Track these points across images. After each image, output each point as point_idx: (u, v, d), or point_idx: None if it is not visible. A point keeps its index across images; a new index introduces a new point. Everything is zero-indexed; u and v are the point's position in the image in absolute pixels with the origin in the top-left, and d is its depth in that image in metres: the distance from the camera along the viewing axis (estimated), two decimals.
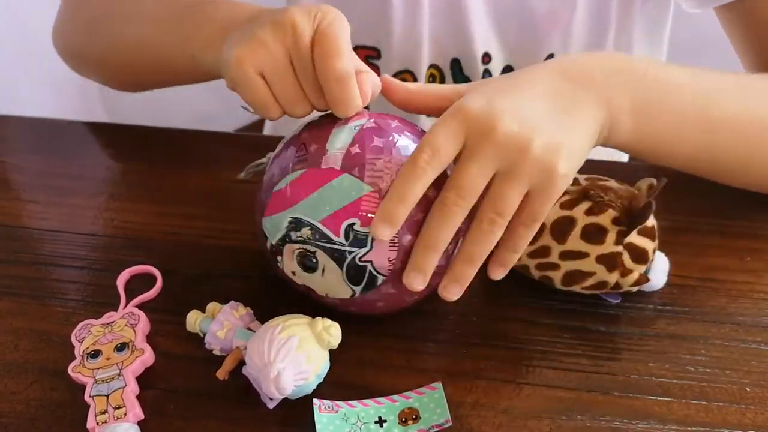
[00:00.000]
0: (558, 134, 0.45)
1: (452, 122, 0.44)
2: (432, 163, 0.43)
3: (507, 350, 0.49)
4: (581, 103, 0.48)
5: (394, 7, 0.70)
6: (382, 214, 0.42)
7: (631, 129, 0.51)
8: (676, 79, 0.53)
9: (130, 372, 0.46)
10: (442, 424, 0.44)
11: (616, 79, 0.50)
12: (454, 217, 0.43)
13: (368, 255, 0.44)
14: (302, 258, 0.45)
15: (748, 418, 0.45)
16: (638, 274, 0.49)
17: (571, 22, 0.70)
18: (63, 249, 0.58)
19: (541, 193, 0.44)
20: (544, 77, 0.49)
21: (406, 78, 0.75)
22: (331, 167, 0.44)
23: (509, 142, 0.43)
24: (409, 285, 0.44)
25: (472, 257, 0.44)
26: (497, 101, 0.44)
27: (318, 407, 0.44)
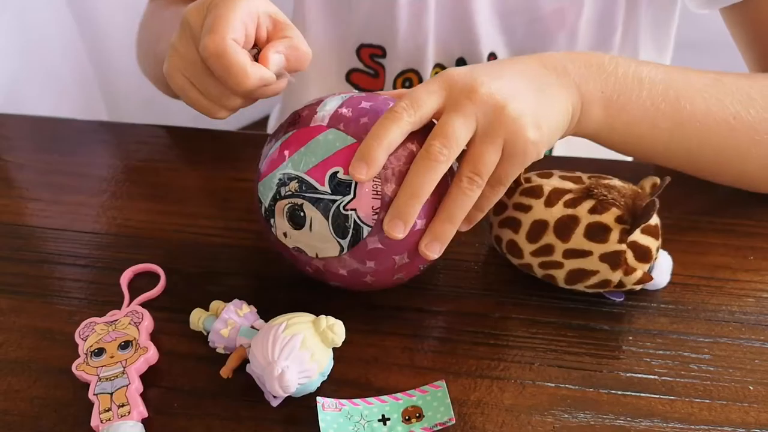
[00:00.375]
0: (531, 104, 0.47)
1: (434, 82, 0.46)
2: (408, 110, 0.44)
3: (511, 348, 0.49)
4: (555, 87, 0.50)
5: (400, 6, 0.70)
6: (358, 154, 0.43)
7: (601, 118, 0.52)
8: (647, 74, 0.54)
9: (134, 370, 0.46)
10: (445, 423, 0.44)
11: (587, 71, 0.52)
12: (438, 166, 0.44)
13: (352, 203, 0.44)
14: (291, 213, 0.46)
15: (752, 417, 0.45)
16: (642, 273, 0.49)
17: (577, 22, 0.70)
18: (66, 247, 0.58)
19: (510, 157, 0.45)
20: (523, 63, 0.51)
21: (410, 78, 0.75)
22: (318, 125, 0.46)
23: (488, 101, 0.45)
24: (389, 232, 0.44)
25: (451, 216, 0.45)
26: (477, 69, 0.47)
27: (321, 405, 0.44)
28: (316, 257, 0.47)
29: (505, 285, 0.54)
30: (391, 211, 0.44)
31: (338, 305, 0.51)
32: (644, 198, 0.49)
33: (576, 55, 0.53)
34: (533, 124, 0.46)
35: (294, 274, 0.55)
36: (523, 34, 0.72)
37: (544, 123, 0.47)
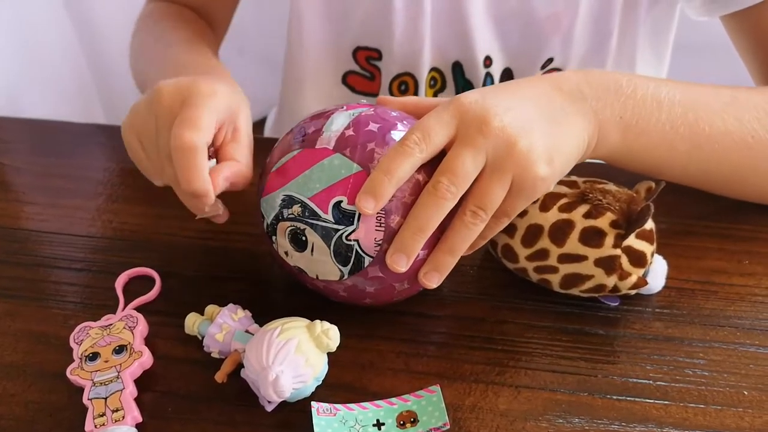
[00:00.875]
0: (544, 138, 0.45)
1: (445, 111, 0.45)
2: (420, 145, 0.43)
3: (505, 353, 0.49)
4: (570, 114, 0.48)
5: (395, 10, 0.70)
6: (367, 187, 0.43)
7: (619, 142, 0.51)
8: (666, 95, 0.53)
9: (129, 374, 0.46)
10: (440, 428, 0.44)
11: (605, 94, 0.50)
12: (444, 203, 0.43)
13: (355, 233, 0.44)
14: (293, 236, 0.46)
15: (746, 422, 0.45)
16: (636, 278, 0.49)
17: (572, 27, 0.70)
18: (61, 251, 0.58)
19: (519, 191, 0.45)
20: (536, 87, 0.50)
21: (406, 81, 0.75)
22: (324, 147, 0.45)
23: (500, 136, 0.44)
24: (392, 265, 0.44)
25: (452, 248, 0.45)
26: (490, 98, 0.46)
27: (316, 410, 0.44)
28: (317, 278, 0.47)
29: (500, 289, 0.54)
30: (395, 244, 0.44)
31: (333, 310, 0.51)
32: (639, 203, 0.49)
33: (593, 76, 0.52)
34: (545, 159, 0.45)
35: (289, 279, 0.55)
36: (517, 38, 0.72)
37: (556, 157, 0.46)
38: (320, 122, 0.47)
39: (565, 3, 0.69)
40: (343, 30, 0.75)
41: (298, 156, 0.46)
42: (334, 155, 0.44)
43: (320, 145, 0.45)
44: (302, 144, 0.46)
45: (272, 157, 0.48)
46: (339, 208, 0.44)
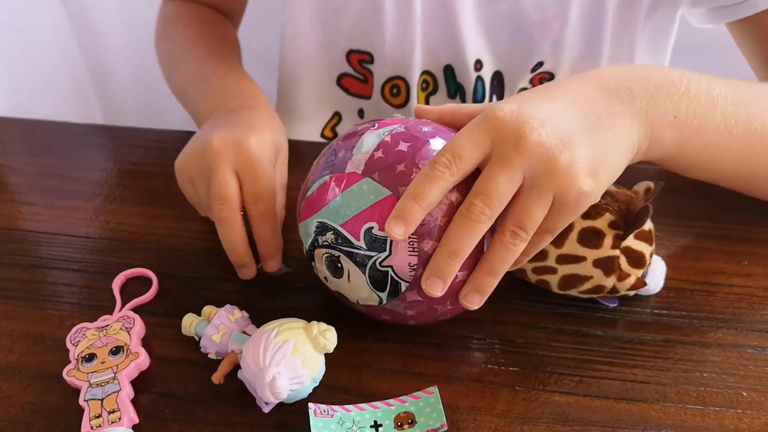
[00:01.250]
0: (587, 149, 0.43)
1: (478, 128, 0.42)
2: (451, 167, 0.41)
3: (503, 354, 0.49)
4: (617, 117, 0.45)
5: (386, 14, 0.70)
6: (396, 212, 0.41)
7: (674, 142, 0.49)
8: (719, 93, 0.50)
9: (125, 376, 0.46)
10: (437, 429, 0.44)
11: (657, 92, 0.47)
12: (479, 226, 0.41)
13: (388, 260, 0.43)
14: (329, 262, 0.45)
15: (745, 423, 0.45)
16: (635, 278, 0.49)
17: (563, 32, 0.70)
18: (58, 251, 0.58)
19: (561, 208, 0.42)
20: (578, 89, 0.46)
21: (398, 84, 0.75)
22: (354, 171, 0.44)
23: (536, 152, 0.41)
24: (428, 290, 0.42)
25: (493, 268, 0.43)
26: (526, 108, 0.43)
27: (313, 411, 0.44)
28: (357, 303, 0.47)
29: (498, 291, 0.53)
30: (429, 269, 0.42)
31: (331, 311, 0.51)
32: (638, 203, 0.49)
33: (642, 71, 0.48)
34: (588, 173, 0.42)
35: (287, 279, 0.55)
36: (508, 42, 0.72)
37: (602, 167, 0.43)
38: (351, 144, 0.46)
39: (555, 9, 0.69)
40: (336, 33, 0.75)
41: (329, 181, 0.45)
42: (363, 180, 0.44)
43: (350, 170, 0.44)
44: (333, 169, 0.45)
45: (307, 181, 0.48)
46: (370, 235, 0.43)
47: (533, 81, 0.75)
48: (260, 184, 0.52)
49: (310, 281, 0.54)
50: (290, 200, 0.57)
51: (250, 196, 0.52)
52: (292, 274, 0.55)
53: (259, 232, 0.52)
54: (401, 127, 0.46)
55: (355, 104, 0.79)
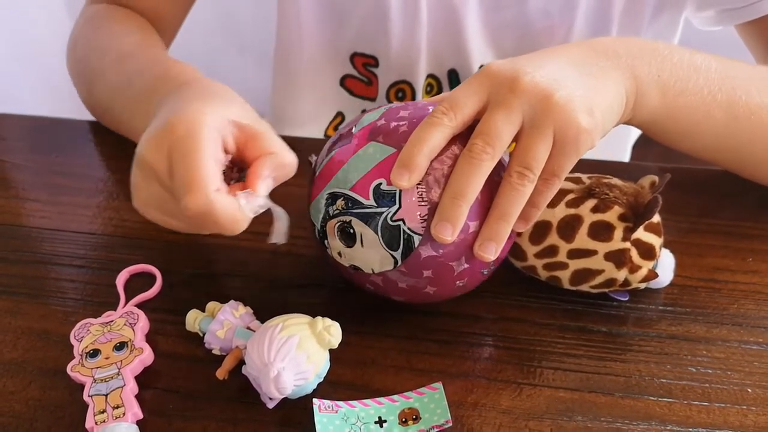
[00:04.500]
0: (581, 90, 0.44)
1: (474, 79, 0.44)
2: (448, 114, 0.42)
3: (508, 350, 0.49)
4: (607, 70, 0.47)
5: (392, 20, 0.70)
6: (399, 161, 0.42)
7: (658, 103, 0.50)
8: (702, 62, 0.52)
9: (129, 371, 0.46)
10: (442, 425, 0.44)
11: (640, 53, 0.49)
12: (482, 164, 0.42)
13: (398, 213, 0.43)
14: (341, 231, 0.45)
15: (750, 420, 0.45)
16: (647, 270, 0.49)
17: (568, 38, 0.70)
18: (62, 248, 0.58)
19: (563, 146, 0.43)
20: (569, 49, 0.49)
21: (403, 88, 0.75)
22: (359, 140, 0.45)
23: (532, 91, 0.42)
24: (437, 235, 0.42)
25: (504, 213, 0.43)
26: (519, 60, 0.45)
27: (318, 407, 0.44)
28: (373, 273, 0.46)
29: (502, 287, 0.54)
30: (438, 214, 0.42)
31: (335, 307, 0.51)
32: (645, 196, 0.49)
33: (627, 39, 0.51)
34: (585, 109, 0.43)
35: (291, 275, 0.54)
36: (512, 49, 0.72)
37: (596, 108, 0.44)
38: (352, 122, 0.47)
39: (560, 15, 0.69)
40: (340, 35, 0.75)
41: (335, 156, 0.46)
42: (368, 144, 0.45)
43: (354, 140, 0.45)
44: (337, 143, 0.47)
45: (314, 165, 0.49)
46: (379, 191, 0.43)
47: None
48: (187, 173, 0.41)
49: (314, 278, 0.54)
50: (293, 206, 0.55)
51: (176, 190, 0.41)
52: (296, 272, 0.55)
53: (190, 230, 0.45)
54: (401, 102, 0.48)
55: (359, 105, 0.79)
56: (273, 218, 0.46)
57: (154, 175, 0.43)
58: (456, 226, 0.42)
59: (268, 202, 0.44)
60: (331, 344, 0.45)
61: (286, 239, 0.46)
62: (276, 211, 0.46)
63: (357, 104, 0.79)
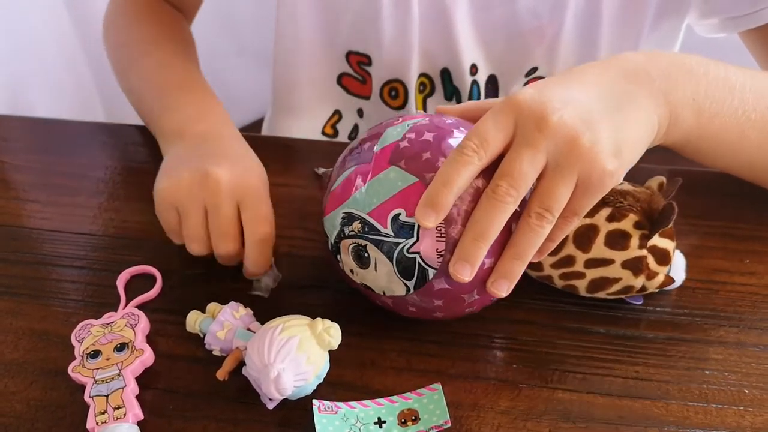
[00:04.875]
0: (609, 129, 0.43)
1: (501, 112, 0.43)
2: (478, 152, 0.41)
3: (506, 352, 0.50)
4: (637, 100, 0.46)
5: (383, 18, 0.70)
6: (426, 200, 0.41)
7: (692, 126, 0.49)
8: (737, 80, 0.51)
9: (130, 372, 0.46)
10: (441, 426, 0.44)
11: (676, 74, 0.48)
12: (505, 207, 0.41)
13: (416, 246, 0.43)
14: (355, 252, 0.45)
15: (747, 420, 0.45)
16: (664, 276, 0.49)
17: (557, 39, 0.70)
18: (63, 249, 0.58)
19: (586, 189, 0.42)
20: (598, 73, 0.47)
21: (396, 87, 0.76)
22: (379, 161, 0.44)
23: (559, 132, 0.41)
24: (455, 274, 0.42)
25: (519, 253, 0.43)
26: (547, 91, 0.43)
27: (317, 408, 0.44)
28: (384, 295, 0.47)
29: None
30: (457, 253, 0.42)
31: (335, 308, 0.51)
32: (658, 201, 0.49)
33: (660, 57, 0.49)
34: (611, 152, 0.42)
35: (291, 276, 0.55)
36: (502, 48, 0.72)
37: (624, 147, 0.43)
38: (374, 137, 0.46)
39: (549, 16, 0.69)
40: (335, 34, 0.75)
41: (354, 173, 0.45)
42: (389, 168, 0.44)
43: (375, 160, 0.44)
44: (358, 160, 0.46)
45: (331, 177, 0.48)
46: (398, 221, 0.43)
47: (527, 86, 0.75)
48: (264, 210, 0.52)
49: (314, 279, 0.54)
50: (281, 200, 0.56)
51: (253, 221, 0.51)
52: (296, 273, 0.55)
53: (253, 255, 0.51)
54: (424, 119, 0.46)
55: (355, 103, 0.80)
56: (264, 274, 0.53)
57: (216, 192, 0.52)
58: (475, 266, 0.42)
59: None
60: (331, 345, 0.45)
61: (267, 295, 0.53)
62: (272, 271, 0.54)
63: (353, 103, 0.80)
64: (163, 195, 0.53)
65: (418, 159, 0.43)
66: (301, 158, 0.69)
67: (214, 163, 0.53)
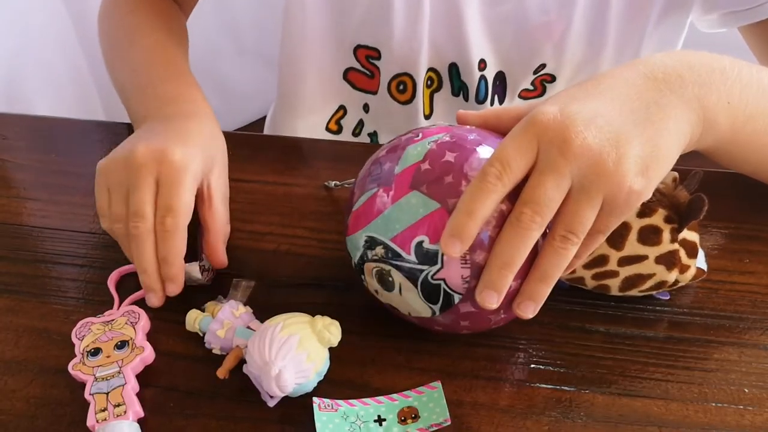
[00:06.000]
0: (636, 147, 0.41)
1: (523, 135, 0.41)
2: (502, 178, 0.40)
3: (506, 350, 0.50)
4: (668, 107, 0.43)
5: (395, 11, 0.70)
6: (451, 230, 0.40)
7: (727, 129, 0.47)
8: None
9: (130, 370, 0.46)
10: (441, 423, 0.44)
11: (709, 78, 0.46)
12: (530, 234, 0.40)
13: (440, 273, 0.42)
14: (379, 277, 0.45)
15: (747, 420, 0.45)
16: (695, 269, 0.50)
17: (565, 36, 0.70)
18: (63, 247, 0.58)
19: (612, 210, 0.41)
20: (625, 80, 0.44)
21: (405, 81, 0.76)
22: (400, 184, 0.44)
23: (583, 156, 0.40)
24: (482, 303, 0.41)
25: (545, 275, 0.42)
26: (570, 109, 0.41)
27: (318, 405, 0.44)
28: (409, 315, 0.46)
29: None
30: (483, 281, 0.41)
31: (335, 306, 0.51)
32: (681, 194, 0.49)
33: (692, 57, 0.46)
34: (638, 170, 0.41)
35: (291, 275, 0.55)
36: (510, 44, 0.72)
37: (652, 163, 0.41)
38: (395, 156, 0.45)
39: (558, 12, 0.69)
40: (344, 28, 0.75)
41: (375, 195, 0.44)
42: (411, 193, 0.43)
43: (396, 183, 0.44)
44: (379, 182, 0.45)
45: (353, 195, 0.47)
46: (421, 248, 0.42)
47: (535, 82, 0.75)
48: (174, 199, 0.50)
49: (314, 277, 0.55)
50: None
51: (161, 209, 0.49)
52: (296, 271, 0.55)
53: (162, 248, 0.49)
54: (446, 135, 0.45)
55: (361, 99, 0.80)
56: None
57: (132, 170, 0.50)
58: (501, 294, 0.41)
59: None
60: (331, 343, 0.45)
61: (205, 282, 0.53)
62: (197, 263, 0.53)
63: (359, 98, 0.80)
64: (99, 171, 0.54)
65: (440, 183, 0.42)
66: (301, 157, 0.69)
67: (149, 140, 0.53)
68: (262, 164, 0.66)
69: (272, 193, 0.55)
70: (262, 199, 0.62)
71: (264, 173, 0.65)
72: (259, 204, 0.62)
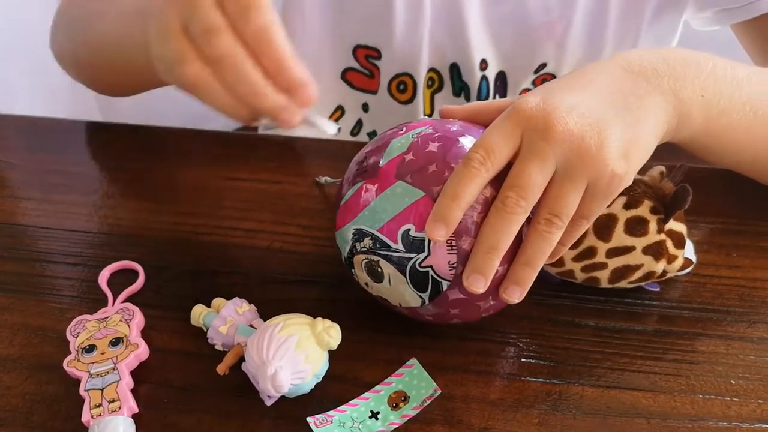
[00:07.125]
0: (616, 132, 0.42)
1: (507, 122, 0.42)
2: (485, 163, 0.41)
3: (496, 344, 0.50)
4: (645, 97, 0.45)
5: (396, 11, 0.71)
6: (435, 214, 0.41)
7: (700, 124, 0.49)
8: (744, 76, 0.51)
9: (125, 366, 0.47)
10: (432, 395, 0.44)
11: (684, 71, 0.47)
12: (514, 218, 0.41)
13: (427, 260, 0.43)
14: (369, 268, 0.45)
15: (733, 411, 0.46)
16: (683, 259, 0.50)
17: (566, 35, 0.71)
18: (58, 246, 0.59)
19: (596, 193, 0.42)
20: (604, 74, 0.46)
21: (405, 81, 0.76)
22: (385, 176, 0.44)
23: (566, 140, 0.41)
24: (469, 287, 0.42)
25: (530, 260, 0.43)
26: (552, 99, 0.43)
27: (313, 424, 0.44)
28: (400, 306, 0.47)
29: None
30: (470, 266, 0.42)
31: (327, 302, 0.52)
32: (666, 185, 0.50)
33: (668, 52, 0.48)
34: (619, 155, 0.42)
35: (283, 271, 0.55)
36: (511, 43, 0.73)
37: (633, 149, 0.43)
38: (379, 149, 0.46)
39: (559, 12, 0.70)
40: (344, 28, 0.75)
41: (361, 189, 0.45)
42: (396, 184, 0.43)
43: (381, 175, 0.44)
44: (365, 175, 0.45)
45: (340, 189, 0.48)
46: (408, 237, 0.43)
47: (536, 82, 0.76)
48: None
49: (306, 274, 0.55)
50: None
51: (238, 8, 0.38)
52: (288, 268, 0.56)
53: (270, 52, 0.39)
54: (429, 128, 0.46)
55: (360, 99, 0.80)
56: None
57: None
58: (488, 278, 0.42)
59: None
60: (330, 345, 0.45)
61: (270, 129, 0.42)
62: None
63: (357, 98, 0.80)
64: (160, 18, 0.40)
65: (424, 172, 0.43)
66: (294, 156, 0.70)
67: None
68: (256, 163, 0.67)
69: (266, 192, 0.55)
70: (256, 197, 0.63)
71: (258, 171, 0.66)
72: (253, 202, 0.62)
